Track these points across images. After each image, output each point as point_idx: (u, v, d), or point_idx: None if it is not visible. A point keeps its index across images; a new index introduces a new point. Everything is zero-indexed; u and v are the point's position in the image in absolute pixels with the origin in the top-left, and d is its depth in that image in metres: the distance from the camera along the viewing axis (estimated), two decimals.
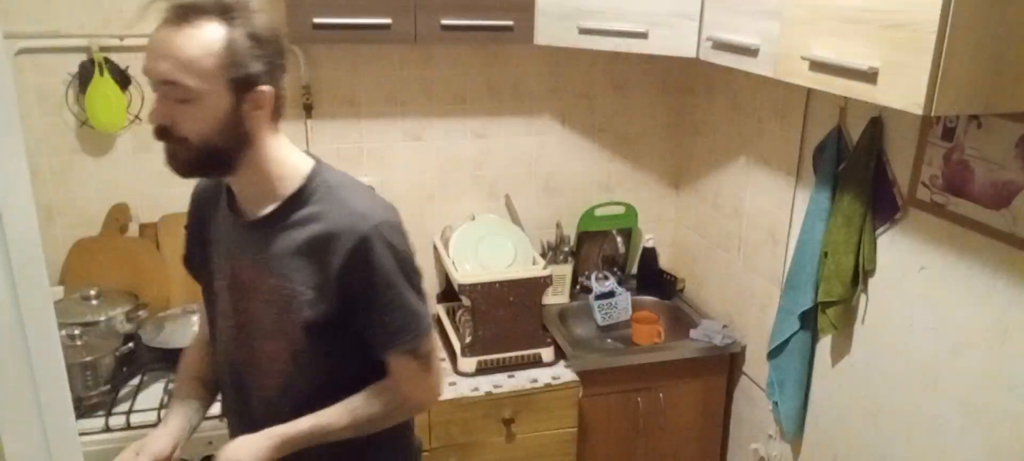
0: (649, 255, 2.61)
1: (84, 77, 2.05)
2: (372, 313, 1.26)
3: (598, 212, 2.57)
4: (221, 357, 1.39)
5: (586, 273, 2.57)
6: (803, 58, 1.49)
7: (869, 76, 1.33)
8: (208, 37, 1.12)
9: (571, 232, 2.57)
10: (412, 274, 1.29)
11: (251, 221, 1.27)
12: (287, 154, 1.26)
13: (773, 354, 2.06)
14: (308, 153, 1.31)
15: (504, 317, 2.13)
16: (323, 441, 1.28)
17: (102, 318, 1.98)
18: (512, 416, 2.11)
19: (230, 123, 1.16)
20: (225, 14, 1.14)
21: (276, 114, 1.23)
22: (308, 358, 1.28)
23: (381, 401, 1.32)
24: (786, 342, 2.00)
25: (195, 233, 1.41)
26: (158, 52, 1.12)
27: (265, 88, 1.17)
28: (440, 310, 2.44)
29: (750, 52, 1.68)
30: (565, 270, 2.52)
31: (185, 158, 1.18)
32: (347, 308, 1.25)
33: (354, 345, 1.30)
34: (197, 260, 1.41)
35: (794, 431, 2.08)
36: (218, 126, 1.16)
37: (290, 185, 1.25)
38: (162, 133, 1.16)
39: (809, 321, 1.95)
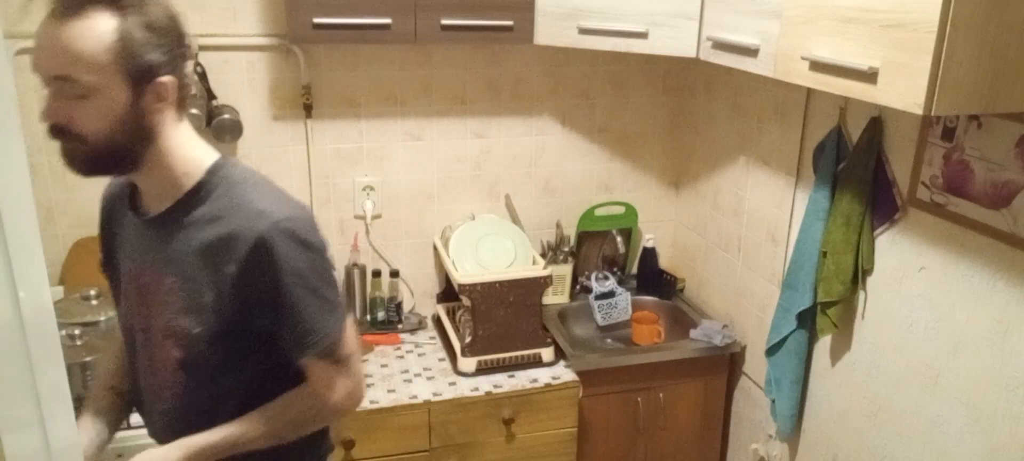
0: (649, 255, 2.61)
1: None
2: (281, 317, 1.18)
3: (598, 212, 2.57)
4: (131, 363, 1.34)
5: (586, 273, 2.57)
6: (803, 58, 1.49)
7: (869, 76, 1.33)
8: (100, 28, 1.06)
9: (571, 232, 2.57)
10: (322, 273, 1.21)
11: (150, 218, 1.21)
12: (190, 148, 1.20)
13: (771, 352, 2.06)
14: (216, 150, 1.24)
15: (504, 317, 2.13)
16: (238, 451, 1.23)
17: (102, 318, 1.98)
18: (512, 416, 2.11)
19: (130, 118, 1.10)
20: (115, 3, 1.07)
21: (180, 105, 1.17)
22: (201, 369, 1.22)
23: (298, 408, 1.26)
24: (783, 340, 2.00)
25: (107, 237, 1.35)
26: (47, 47, 1.06)
27: (166, 79, 1.12)
28: (440, 310, 2.44)
29: (750, 52, 1.68)
30: (565, 270, 2.52)
31: (84, 157, 1.11)
32: (247, 315, 1.18)
33: (251, 354, 1.23)
34: (110, 265, 1.35)
35: (789, 430, 2.08)
36: (118, 122, 1.09)
37: (190, 180, 1.19)
38: (57, 132, 1.09)
39: (806, 320, 1.96)
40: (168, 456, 1.21)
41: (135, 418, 1.78)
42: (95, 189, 2.20)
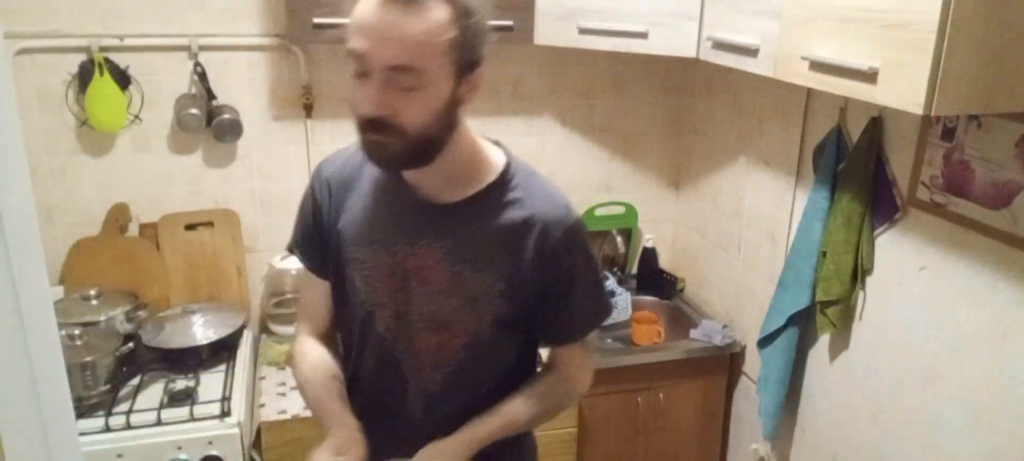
0: (649, 255, 2.61)
1: (84, 77, 2.05)
2: (563, 305, 1.23)
3: (598, 212, 2.57)
4: (366, 350, 1.28)
5: None
6: (803, 58, 1.49)
7: (869, 76, 1.33)
8: (441, 19, 1.02)
9: None
10: (598, 267, 1.33)
11: (444, 205, 1.18)
12: (477, 137, 1.21)
13: (762, 344, 2.05)
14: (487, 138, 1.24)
15: None
16: (508, 435, 1.24)
17: (102, 318, 1.98)
18: None
19: (447, 110, 1.08)
20: None
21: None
22: (485, 351, 1.23)
23: (558, 392, 1.30)
24: (775, 335, 2.00)
25: (313, 219, 1.29)
26: (384, 35, 1.02)
27: (482, 70, 1.11)
28: None
29: (750, 52, 1.68)
30: None
31: (398, 150, 1.07)
32: (534, 301, 1.21)
33: (516, 339, 1.26)
34: (314, 246, 1.29)
35: (771, 430, 2.07)
36: (437, 114, 1.07)
37: (490, 171, 1.19)
38: (374, 125, 1.05)
39: (799, 321, 1.95)
40: (457, 452, 1.20)
41: (135, 419, 1.78)
42: (95, 190, 2.21)
